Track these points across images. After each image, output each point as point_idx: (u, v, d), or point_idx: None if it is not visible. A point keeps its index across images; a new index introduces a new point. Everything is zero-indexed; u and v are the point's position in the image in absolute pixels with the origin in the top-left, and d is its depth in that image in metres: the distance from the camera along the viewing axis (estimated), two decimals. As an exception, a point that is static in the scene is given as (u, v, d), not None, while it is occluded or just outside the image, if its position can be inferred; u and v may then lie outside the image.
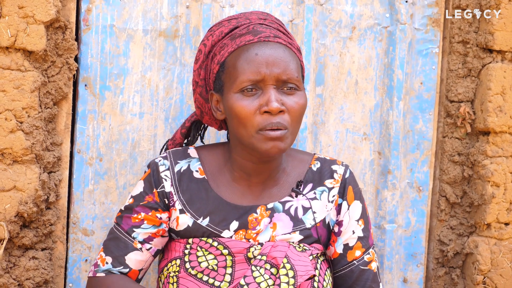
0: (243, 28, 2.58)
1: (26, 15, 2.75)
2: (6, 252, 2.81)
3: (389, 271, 3.26)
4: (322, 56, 3.17)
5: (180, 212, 2.63)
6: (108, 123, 3.00)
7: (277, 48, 2.53)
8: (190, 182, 2.66)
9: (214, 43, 2.61)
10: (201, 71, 2.65)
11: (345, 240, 2.67)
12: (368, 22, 3.20)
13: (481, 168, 3.15)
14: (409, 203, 3.26)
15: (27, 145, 2.77)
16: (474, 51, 3.20)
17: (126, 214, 2.65)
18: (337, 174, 2.70)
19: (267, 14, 2.68)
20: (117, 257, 2.63)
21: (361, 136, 3.22)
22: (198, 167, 2.68)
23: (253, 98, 2.49)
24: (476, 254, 3.17)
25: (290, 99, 2.51)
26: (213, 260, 2.56)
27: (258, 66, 2.48)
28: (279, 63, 2.50)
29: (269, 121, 2.47)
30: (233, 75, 2.52)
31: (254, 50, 2.51)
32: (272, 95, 2.47)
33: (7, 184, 2.76)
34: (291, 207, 2.64)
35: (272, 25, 2.61)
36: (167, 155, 2.70)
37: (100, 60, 2.98)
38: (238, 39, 2.56)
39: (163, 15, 3.03)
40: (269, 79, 2.48)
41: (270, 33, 2.55)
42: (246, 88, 2.49)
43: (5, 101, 2.75)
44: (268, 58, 2.50)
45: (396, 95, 3.21)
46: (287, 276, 2.48)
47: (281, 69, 2.49)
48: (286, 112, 2.49)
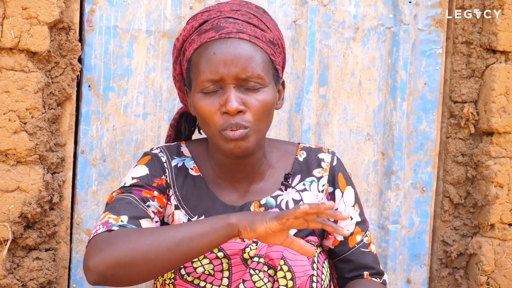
0: (210, 22, 2.52)
1: (29, 16, 2.75)
2: (9, 253, 2.81)
3: (393, 272, 3.25)
4: (326, 56, 3.17)
5: (175, 208, 2.57)
6: (111, 124, 3.00)
7: (237, 45, 2.46)
8: (186, 178, 2.61)
9: (185, 38, 2.56)
10: (176, 66, 2.61)
11: (344, 227, 2.62)
12: (371, 22, 3.20)
13: (485, 169, 3.15)
14: (412, 204, 3.25)
15: (30, 146, 2.77)
16: (478, 52, 3.20)
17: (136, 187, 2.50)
18: (325, 163, 2.65)
19: (246, 3, 2.59)
20: (134, 218, 2.40)
21: (364, 136, 3.21)
22: (192, 165, 2.63)
23: (214, 98, 2.45)
24: (479, 255, 3.17)
25: (253, 97, 2.45)
26: (208, 264, 2.49)
27: (216, 66, 2.43)
28: (237, 62, 2.43)
29: (228, 122, 2.42)
30: (196, 74, 2.48)
31: (213, 49, 2.45)
32: (231, 95, 2.42)
33: (10, 184, 2.77)
34: (282, 201, 2.60)
35: (242, 18, 2.53)
36: (162, 149, 2.63)
37: (103, 61, 2.98)
38: (203, 35, 2.50)
39: (167, 16, 3.03)
40: (227, 78, 2.43)
41: (233, 29, 2.48)
42: (206, 88, 2.45)
43: (8, 102, 2.75)
44: (226, 57, 2.43)
45: (400, 95, 3.21)
46: (285, 278, 2.44)
47: (240, 67, 2.43)
48: (247, 111, 2.44)
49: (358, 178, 3.21)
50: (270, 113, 2.50)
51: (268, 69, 2.49)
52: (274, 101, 2.50)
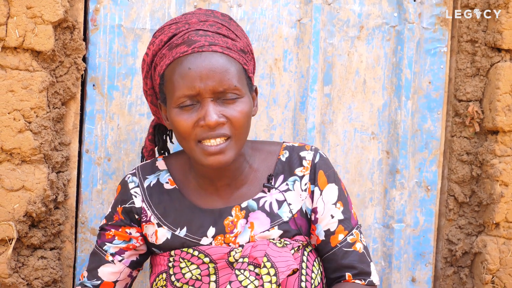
0: (180, 36, 2.50)
1: (34, 15, 2.76)
2: (15, 252, 2.82)
3: (398, 271, 3.25)
4: (330, 55, 3.17)
5: (158, 226, 2.60)
6: (116, 123, 3.01)
7: (211, 58, 2.44)
8: (161, 194, 2.63)
9: (155, 53, 2.54)
10: (147, 81, 2.60)
11: (325, 225, 2.60)
12: (376, 21, 3.19)
13: (490, 168, 3.15)
14: (417, 203, 3.25)
15: (35, 145, 2.78)
16: (483, 50, 3.20)
17: (101, 232, 2.67)
18: (306, 161, 2.62)
19: (211, 12, 2.58)
20: (92, 270, 2.65)
21: (369, 135, 3.21)
22: (168, 178, 2.65)
23: (191, 112, 2.44)
24: (484, 254, 3.17)
25: (231, 108, 2.45)
26: (196, 269, 2.53)
27: (192, 81, 2.42)
28: (213, 75, 2.42)
29: (207, 134, 2.43)
30: (170, 89, 2.47)
31: (188, 64, 2.44)
32: (209, 109, 2.42)
33: (15, 184, 2.77)
34: (265, 203, 2.59)
35: (211, 29, 2.51)
36: (136, 171, 2.67)
37: (108, 60, 2.99)
38: (174, 49, 2.48)
39: (171, 15, 3.03)
40: (204, 92, 2.42)
41: (205, 42, 2.47)
42: (182, 103, 2.44)
43: (13, 101, 2.76)
44: (202, 72, 2.42)
45: (404, 94, 3.21)
46: (269, 274, 2.45)
47: (216, 81, 2.42)
48: (227, 123, 2.44)
49: (362, 176, 3.21)
50: (249, 122, 2.50)
51: (242, 79, 2.49)
52: (251, 109, 2.50)
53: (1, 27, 2.73)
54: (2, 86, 2.75)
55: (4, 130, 2.75)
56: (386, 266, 3.24)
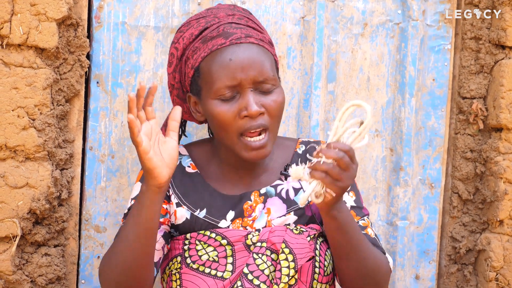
0: (213, 29, 2.55)
1: (38, 13, 2.76)
2: (18, 249, 2.82)
3: (401, 268, 3.25)
4: (334, 52, 3.17)
5: (177, 206, 2.64)
6: (120, 120, 3.01)
7: (250, 49, 2.51)
8: (183, 176, 2.67)
9: (186, 46, 2.59)
10: (175, 74, 2.65)
11: None
12: (380, 18, 3.19)
13: (494, 165, 3.14)
14: (421, 200, 3.25)
15: (39, 142, 2.78)
16: (487, 47, 3.19)
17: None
18: None
19: (234, 7, 2.64)
20: None
21: (373, 132, 3.21)
22: (189, 163, 2.70)
23: (232, 103, 2.50)
24: (488, 251, 3.16)
25: (269, 98, 2.51)
26: (213, 251, 2.57)
27: (234, 72, 2.48)
28: (254, 65, 2.49)
29: (250, 124, 2.49)
30: (209, 81, 2.52)
31: (228, 55, 2.49)
32: (251, 99, 2.48)
33: (19, 181, 2.77)
34: (282, 190, 2.64)
35: (241, 22, 2.58)
36: None
37: (112, 57, 2.99)
38: (209, 42, 2.54)
39: (175, 12, 3.03)
40: (246, 83, 2.48)
41: (241, 34, 2.53)
42: (223, 94, 2.49)
43: (17, 99, 2.76)
44: (243, 62, 2.49)
45: (408, 91, 3.21)
46: (287, 260, 2.49)
47: (257, 71, 2.49)
48: (265, 113, 2.50)
49: (366, 174, 3.21)
50: (282, 110, 2.57)
51: (275, 70, 2.56)
52: (284, 98, 2.56)
53: (5, 24, 2.73)
54: (6, 83, 2.75)
55: (8, 127, 2.75)
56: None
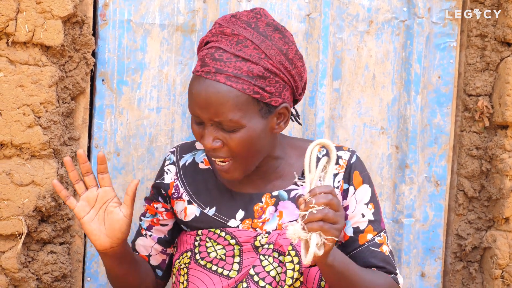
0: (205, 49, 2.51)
1: (43, 10, 2.76)
2: (24, 247, 2.82)
3: (407, 266, 3.25)
4: (339, 50, 3.16)
5: (188, 203, 2.67)
6: (125, 117, 3.01)
7: (211, 88, 2.44)
8: (195, 174, 2.70)
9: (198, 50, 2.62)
10: None
11: (354, 223, 2.64)
12: (385, 16, 3.19)
13: (499, 162, 3.14)
14: (426, 197, 3.25)
15: (45, 140, 2.78)
16: (492, 45, 3.19)
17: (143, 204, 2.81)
18: (342, 160, 2.66)
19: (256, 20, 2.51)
20: (132, 242, 2.82)
21: (378, 130, 3.21)
22: (203, 158, 2.72)
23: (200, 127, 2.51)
24: (494, 248, 3.16)
25: (229, 135, 2.46)
26: (221, 250, 2.59)
27: (194, 106, 2.47)
28: (209, 106, 2.44)
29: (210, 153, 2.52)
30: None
31: (193, 86, 2.48)
32: (206, 133, 2.48)
33: (25, 178, 2.78)
34: (296, 195, 2.63)
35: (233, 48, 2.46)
36: (175, 150, 2.76)
37: (117, 55, 2.99)
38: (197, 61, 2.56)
39: (180, 9, 3.03)
40: (203, 118, 2.46)
41: (212, 68, 2.45)
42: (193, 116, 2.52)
43: (23, 96, 2.76)
44: (200, 100, 2.45)
45: (414, 89, 3.20)
46: (292, 263, 2.49)
47: (212, 112, 2.43)
48: (225, 146, 2.48)
49: (372, 171, 3.21)
50: (254, 145, 2.50)
51: (247, 109, 2.45)
52: (257, 134, 2.48)
53: (11, 22, 2.73)
54: (11, 81, 2.75)
55: (13, 125, 2.76)
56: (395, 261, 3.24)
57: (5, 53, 2.75)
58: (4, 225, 2.76)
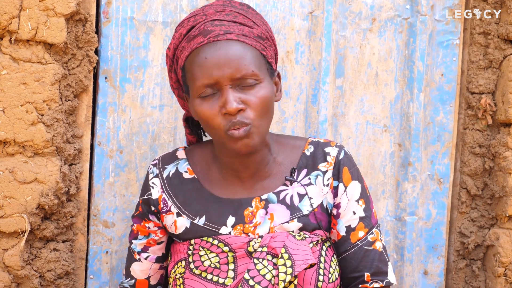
0: (196, 28, 2.53)
1: (46, 8, 2.76)
2: (27, 244, 2.82)
3: (410, 263, 3.25)
4: (342, 48, 3.16)
5: (177, 216, 2.64)
6: (128, 115, 3.01)
7: (227, 46, 2.47)
8: (180, 184, 2.67)
9: (176, 46, 2.59)
10: (172, 75, 2.64)
11: (346, 221, 2.63)
12: (388, 13, 3.19)
13: (502, 160, 3.14)
14: (429, 195, 3.25)
15: (48, 138, 2.78)
16: (495, 43, 3.19)
17: (131, 227, 2.76)
18: (330, 157, 2.65)
19: (229, 2, 2.61)
20: (126, 268, 2.78)
21: (381, 128, 3.21)
22: (186, 167, 2.69)
23: (213, 101, 2.48)
24: (497, 246, 3.16)
25: (251, 93, 2.47)
26: (215, 257, 2.56)
27: (209, 70, 2.45)
28: (230, 63, 2.45)
29: (230, 122, 2.46)
30: (191, 80, 2.52)
31: (204, 53, 2.47)
32: (229, 96, 2.45)
33: (28, 176, 2.78)
34: (286, 195, 2.62)
35: (227, 18, 2.54)
36: (156, 162, 2.72)
37: (120, 52, 2.99)
38: (192, 41, 2.52)
39: (183, 7, 3.03)
40: (223, 80, 2.45)
41: (220, 31, 2.50)
42: (203, 92, 2.48)
43: (26, 94, 2.76)
44: (219, 60, 2.46)
45: (417, 86, 3.20)
46: (285, 266, 2.47)
47: (233, 68, 2.45)
48: (247, 109, 2.47)
49: (374, 169, 3.21)
50: (270, 107, 2.52)
51: (260, 65, 2.51)
52: (272, 94, 2.52)
53: (14, 19, 2.74)
54: (14, 79, 2.75)
55: (16, 122, 2.76)
56: (398, 259, 3.24)
57: (8, 50, 2.75)
58: (7, 223, 2.77)
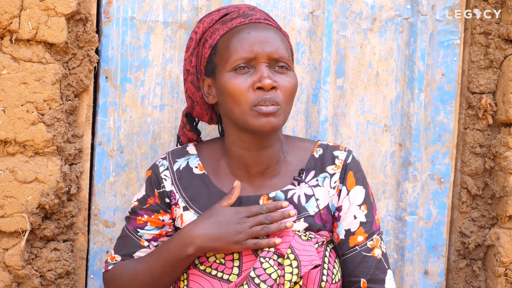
0: (233, 13, 2.64)
1: (47, 8, 2.76)
2: (28, 244, 2.83)
3: (410, 263, 3.25)
4: (343, 47, 3.16)
5: (184, 209, 2.64)
6: (129, 115, 3.01)
7: (268, 29, 2.58)
8: (191, 179, 2.68)
9: (205, 30, 2.65)
10: (192, 58, 2.67)
11: (346, 225, 2.64)
12: (389, 13, 3.18)
13: (503, 160, 3.14)
14: (430, 195, 3.25)
15: (48, 137, 2.78)
16: (496, 42, 3.19)
17: (132, 216, 2.72)
18: (339, 160, 2.68)
19: (255, 7, 2.73)
20: (126, 255, 2.71)
21: (382, 128, 3.21)
22: (197, 163, 2.70)
23: (246, 76, 2.53)
24: (497, 246, 3.16)
25: (282, 78, 2.54)
26: (220, 254, 2.56)
27: (251, 44, 2.53)
28: (271, 42, 2.54)
29: (262, 97, 2.50)
30: (225, 55, 2.55)
31: (247, 30, 2.56)
32: (265, 72, 2.51)
33: (28, 176, 2.78)
34: (293, 195, 2.63)
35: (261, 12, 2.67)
36: (166, 156, 2.73)
37: (120, 52, 2.99)
38: (229, 22, 2.60)
39: (184, 7, 3.03)
40: (261, 56, 2.52)
41: (260, 16, 2.62)
42: (239, 66, 2.53)
43: (26, 94, 2.76)
44: (260, 37, 2.54)
45: (417, 86, 3.20)
46: (291, 266, 2.48)
47: (273, 48, 2.54)
48: (278, 90, 2.52)
49: (375, 169, 3.20)
50: (294, 96, 2.60)
51: (290, 55, 2.61)
52: (296, 83, 2.59)
53: (14, 19, 2.74)
54: (15, 78, 2.75)
55: (17, 122, 2.76)
56: (398, 258, 3.24)
57: (9, 50, 2.76)
58: (8, 222, 2.77)
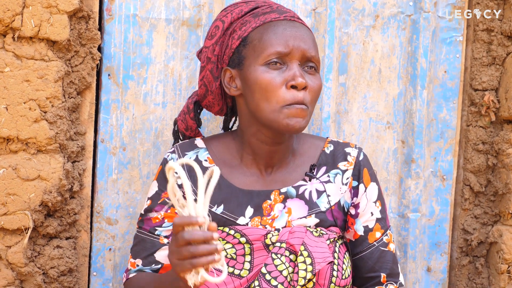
0: (265, 8, 2.63)
1: (49, 5, 2.76)
2: (30, 241, 2.83)
3: (413, 260, 3.25)
4: (345, 45, 3.16)
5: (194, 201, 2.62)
6: (131, 112, 3.01)
7: (302, 28, 2.58)
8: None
9: (234, 20, 2.63)
10: (216, 47, 2.65)
11: (364, 221, 2.67)
12: (391, 10, 3.18)
13: (506, 157, 3.14)
14: (433, 192, 3.25)
15: (51, 135, 2.78)
16: (499, 39, 3.18)
17: (146, 217, 2.66)
18: (351, 157, 2.70)
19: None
20: (147, 256, 2.64)
21: (384, 125, 3.21)
22: (206, 156, 2.69)
23: (278, 72, 2.52)
24: (500, 243, 3.16)
25: (311, 78, 2.55)
26: (231, 249, 2.56)
27: (287, 40, 2.52)
28: (306, 41, 2.55)
29: (295, 96, 2.49)
30: (258, 48, 2.54)
31: (283, 26, 2.56)
32: (298, 71, 2.51)
33: (31, 173, 2.78)
34: (305, 191, 2.64)
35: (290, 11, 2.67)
36: (175, 149, 2.70)
37: (123, 49, 2.99)
38: (262, 16, 2.59)
39: (186, 4, 3.03)
40: (296, 53, 2.52)
41: (294, 14, 2.61)
42: (272, 61, 2.52)
43: (29, 91, 2.76)
44: (296, 34, 2.54)
45: (420, 83, 3.20)
46: (304, 263, 2.49)
47: (308, 46, 2.54)
48: (308, 90, 2.52)
49: (378, 166, 3.20)
50: (318, 96, 2.61)
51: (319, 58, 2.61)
52: (321, 86, 2.60)
53: (17, 16, 2.73)
54: (17, 76, 2.75)
55: (19, 119, 2.76)
56: (401, 255, 3.24)
57: (11, 48, 2.75)
58: (11, 220, 2.77)
